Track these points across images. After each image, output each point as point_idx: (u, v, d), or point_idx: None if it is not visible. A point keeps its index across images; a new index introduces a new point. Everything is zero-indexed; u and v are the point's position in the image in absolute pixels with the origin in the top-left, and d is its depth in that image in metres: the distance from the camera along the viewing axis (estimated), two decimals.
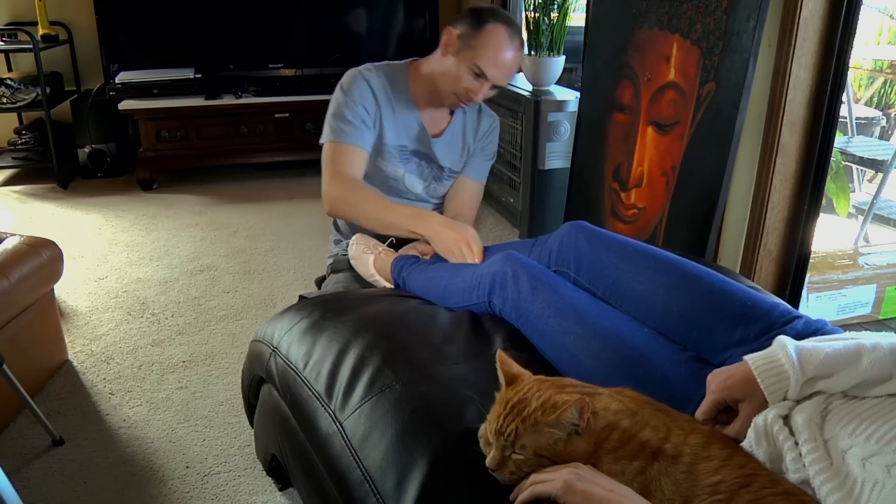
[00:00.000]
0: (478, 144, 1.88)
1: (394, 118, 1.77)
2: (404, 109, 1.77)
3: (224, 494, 1.53)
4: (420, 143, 1.80)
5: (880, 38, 4.15)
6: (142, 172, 3.65)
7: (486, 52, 1.63)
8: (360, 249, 1.73)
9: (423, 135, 1.79)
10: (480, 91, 1.67)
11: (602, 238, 1.27)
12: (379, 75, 1.76)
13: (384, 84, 1.76)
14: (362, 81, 1.73)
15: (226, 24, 3.87)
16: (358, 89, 1.72)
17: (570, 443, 0.85)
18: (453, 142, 1.84)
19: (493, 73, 1.64)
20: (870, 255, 2.43)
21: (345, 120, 1.72)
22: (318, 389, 1.14)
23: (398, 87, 1.77)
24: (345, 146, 1.72)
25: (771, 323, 1.03)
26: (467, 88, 1.67)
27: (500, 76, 1.66)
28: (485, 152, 1.90)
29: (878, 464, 0.74)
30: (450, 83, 1.68)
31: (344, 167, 1.73)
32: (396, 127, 1.77)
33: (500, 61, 1.64)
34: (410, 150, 1.81)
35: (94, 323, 2.28)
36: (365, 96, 1.72)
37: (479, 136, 1.88)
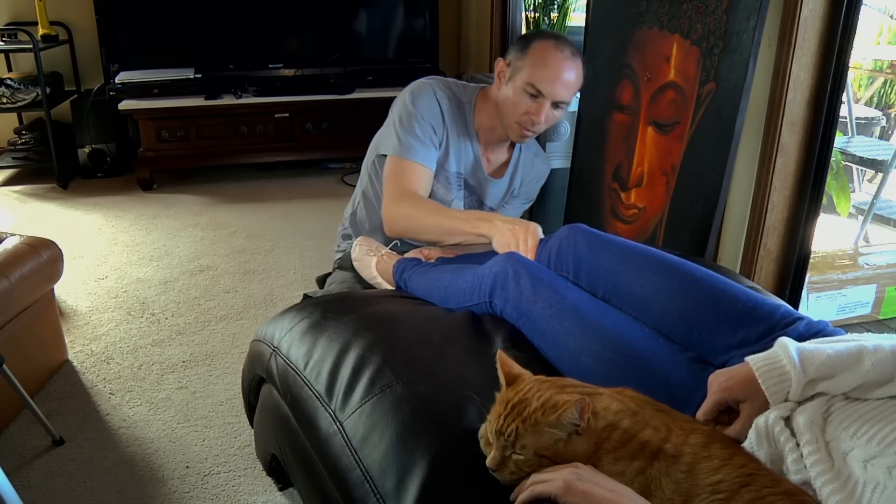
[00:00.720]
0: (523, 189, 1.85)
1: (458, 143, 1.73)
2: (465, 138, 1.74)
3: (224, 494, 1.53)
4: (473, 177, 1.78)
5: (880, 38, 4.15)
6: (142, 172, 3.65)
7: (536, 69, 1.58)
8: (363, 251, 1.73)
9: (477, 169, 1.77)
10: (541, 111, 1.61)
11: (601, 240, 1.27)
12: (450, 95, 1.72)
13: (453, 106, 1.72)
14: (433, 99, 1.69)
15: (226, 24, 3.87)
16: (428, 106, 1.68)
17: (571, 443, 0.85)
18: (503, 183, 1.83)
19: (548, 88, 1.59)
20: (870, 255, 2.43)
21: (414, 135, 1.66)
22: (318, 389, 1.14)
23: (463, 113, 1.73)
24: (411, 164, 1.67)
25: (773, 325, 1.03)
26: (527, 112, 1.62)
27: (555, 89, 1.60)
28: (526, 196, 1.88)
29: (880, 465, 0.74)
30: (510, 111, 1.64)
31: (410, 185, 1.67)
32: (458, 153, 1.74)
33: (553, 74, 1.59)
34: (464, 181, 1.79)
35: (94, 323, 2.28)
36: (434, 115, 1.68)
37: (528, 181, 1.85)
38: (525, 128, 1.65)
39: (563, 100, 1.63)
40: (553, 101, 1.62)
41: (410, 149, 1.66)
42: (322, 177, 3.92)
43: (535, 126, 1.65)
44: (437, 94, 1.71)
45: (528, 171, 1.86)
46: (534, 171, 1.87)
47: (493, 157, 1.80)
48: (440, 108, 1.69)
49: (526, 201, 1.91)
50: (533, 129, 1.66)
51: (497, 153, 1.81)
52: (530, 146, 1.88)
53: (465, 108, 1.74)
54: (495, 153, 1.80)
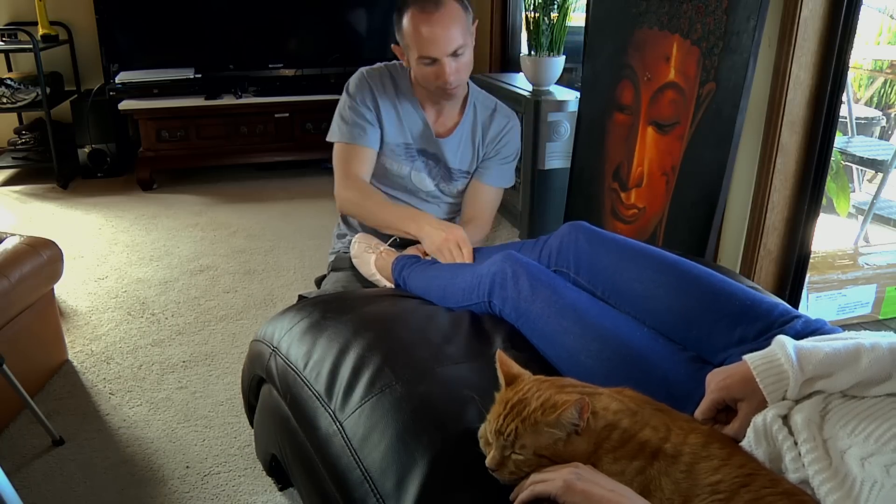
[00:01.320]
0: (492, 146, 1.84)
1: (397, 116, 1.77)
2: (409, 108, 1.78)
3: (224, 494, 1.53)
4: (426, 142, 1.80)
5: (880, 38, 4.15)
6: (142, 172, 3.65)
7: (415, 39, 1.61)
8: (361, 248, 1.73)
9: (427, 133, 1.79)
10: (445, 71, 1.62)
11: (602, 238, 1.27)
12: (383, 74, 1.77)
13: (387, 83, 1.77)
14: (364, 81, 1.76)
15: (226, 24, 3.87)
16: (360, 89, 1.75)
17: (570, 443, 0.85)
18: (463, 142, 1.82)
19: (431, 50, 1.60)
20: (870, 255, 2.43)
21: (350, 121, 1.75)
22: (318, 389, 1.14)
23: (402, 86, 1.77)
24: (352, 146, 1.76)
25: (770, 323, 1.03)
26: (434, 78, 1.64)
27: (439, 47, 1.60)
28: (501, 155, 1.85)
29: (877, 463, 0.74)
30: (427, 83, 1.68)
31: (352, 168, 1.76)
32: (399, 125, 1.78)
33: (427, 36, 1.59)
34: (416, 149, 1.81)
35: (94, 323, 2.28)
36: (365, 95, 1.75)
37: (491, 136, 1.84)
38: (444, 90, 1.67)
39: (455, 48, 1.61)
40: (449, 55, 1.62)
41: (347, 133, 1.75)
42: (322, 177, 3.92)
43: (449, 84, 1.65)
44: (366, 75, 1.77)
45: (489, 126, 1.84)
46: (495, 123, 1.83)
47: (443, 119, 1.81)
48: (370, 87, 1.75)
49: (505, 161, 1.86)
50: (452, 87, 1.67)
51: (447, 114, 1.81)
52: (487, 103, 1.85)
53: (400, 80, 1.77)
54: (445, 114, 1.81)
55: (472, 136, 1.84)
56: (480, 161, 1.86)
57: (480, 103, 1.84)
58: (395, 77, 1.78)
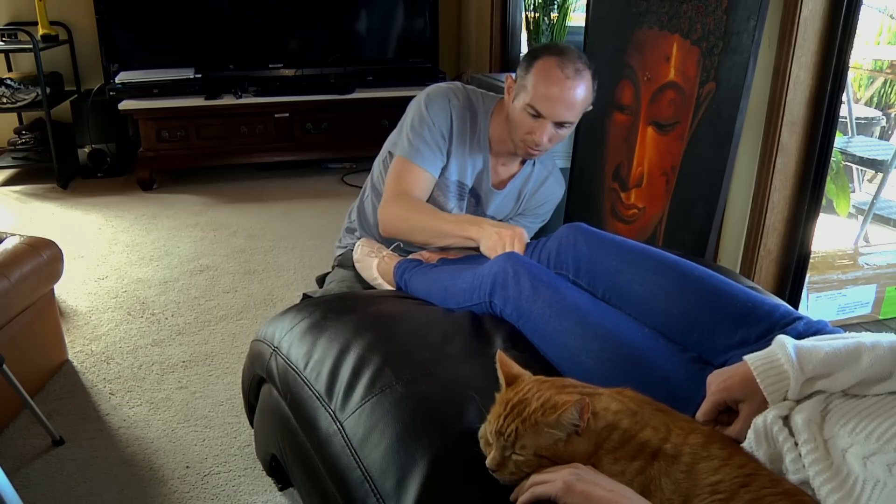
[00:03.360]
0: (532, 206, 1.83)
1: (463, 153, 1.72)
2: (476, 148, 1.73)
3: (224, 494, 1.53)
4: (479, 186, 1.77)
5: (880, 38, 4.15)
6: (142, 172, 3.65)
7: (537, 89, 1.54)
8: (364, 252, 1.73)
9: (485, 179, 1.76)
10: (543, 132, 1.57)
11: (601, 240, 1.27)
12: (466, 104, 1.71)
13: (467, 116, 1.71)
14: (446, 104, 1.69)
15: (226, 24, 3.87)
16: (441, 111, 1.68)
17: (570, 443, 0.85)
18: (509, 195, 1.81)
19: (545, 108, 1.54)
20: (870, 255, 2.43)
21: (423, 139, 1.67)
22: (318, 389, 1.14)
23: (478, 122, 1.72)
24: (415, 167, 1.68)
25: (772, 324, 1.03)
26: (529, 133, 1.59)
27: (557, 110, 1.55)
28: (535, 214, 1.84)
29: (879, 462, 0.74)
30: (515, 130, 1.63)
31: (405, 187, 1.67)
32: (462, 163, 1.73)
33: (553, 95, 1.53)
34: (469, 189, 1.78)
35: (94, 323, 2.28)
36: (445, 121, 1.68)
37: (538, 200, 1.83)
38: (529, 147, 1.63)
39: (567, 120, 1.58)
40: (555, 122, 1.58)
41: (417, 152, 1.67)
42: (322, 177, 3.92)
43: (539, 146, 1.61)
44: (451, 102, 1.70)
45: (538, 188, 1.83)
46: (544, 189, 1.83)
47: (503, 169, 1.79)
48: (451, 115, 1.69)
49: (535, 220, 1.87)
50: (537, 149, 1.63)
51: (508, 165, 1.79)
52: (546, 164, 1.84)
53: (480, 118, 1.72)
54: (507, 165, 1.78)
55: (519, 191, 1.82)
56: (516, 214, 1.85)
57: (540, 163, 1.82)
58: (476, 111, 1.72)
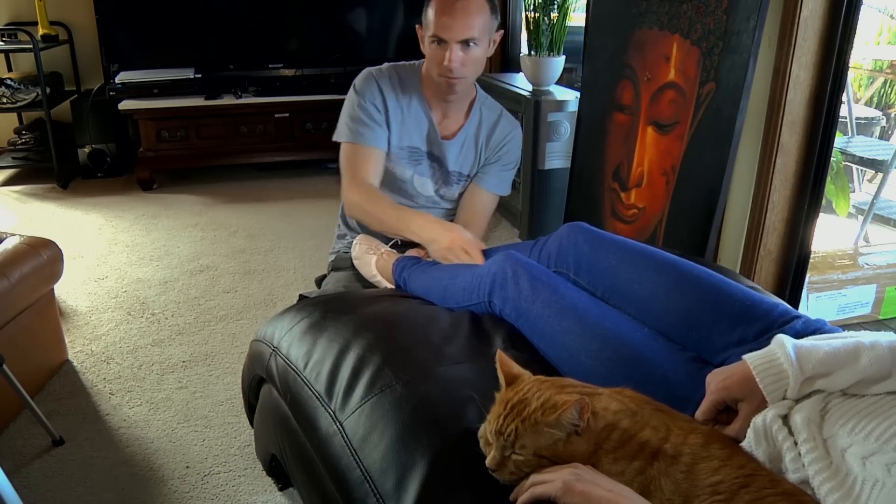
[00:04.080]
0: (494, 152, 1.84)
1: (403, 119, 1.76)
2: (416, 109, 1.76)
3: (224, 494, 1.53)
4: (431, 144, 1.79)
5: (880, 38, 4.15)
6: (142, 172, 3.65)
7: (434, 18, 1.61)
8: (363, 250, 1.73)
9: (433, 135, 1.78)
10: (450, 57, 1.61)
11: (601, 239, 1.27)
12: (391, 75, 1.76)
13: (395, 84, 1.75)
14: (372, 81, 1.74)
15: (226, 24, 3.87)
16: (368, 89, 1.73)
17: (570, 443, 0.85)
18: (466, 145, 1.82)
19: (444, 31, 1.59)
20: (870, 255, 2.43)
21: (359, 120, 1.72)
22: (318, 389, 1.14)
23: (410, 85, 1.76)
24: (361, 147, 1.73)
25: (770, 323, 1.03)
26: (439, 61, 1.63)
27: (453, 28, 1.59)
28: (502, 162, 1.85)
29: (878, 462, 0.74)
30: (431, 68, 1.67)
31: (360, 171, 1.73)
32: (406, 127, 1.76)
33: (447, 18, 1.58)
34: (424, 152, 1.79)
35: (94, 323, 2.28)
36: (375, 95, 1.73)
37: (495, 142, 1.83)
38: (447, 77, 1.65)
39: (469, 37, 1.60)
40: (459, 41, 1.61)
41: (356, 133, 1.72)
42: (322, 177, 3.92)
43: (454, 71, 1.64)
44: (376, 75, 1.75)
45: (492, 130, 1.83)
46: (499, 130, 1.83)
47: (448, 122, 1.80)
48: (378, 86, 1.73)
49: (505, 168, 1.86)
50: (454, 75, 1.65)
51: (452, 116, 1.80)
52: (493, 108, 1.85)
53: (410, 81, 1.76)
54: (450, 116, 1.80)
55: (475, 140, 1.83)
56: (481, 166, 1.85)
57: (487, 108, 1.84)
58: (403, 77, 1.77)
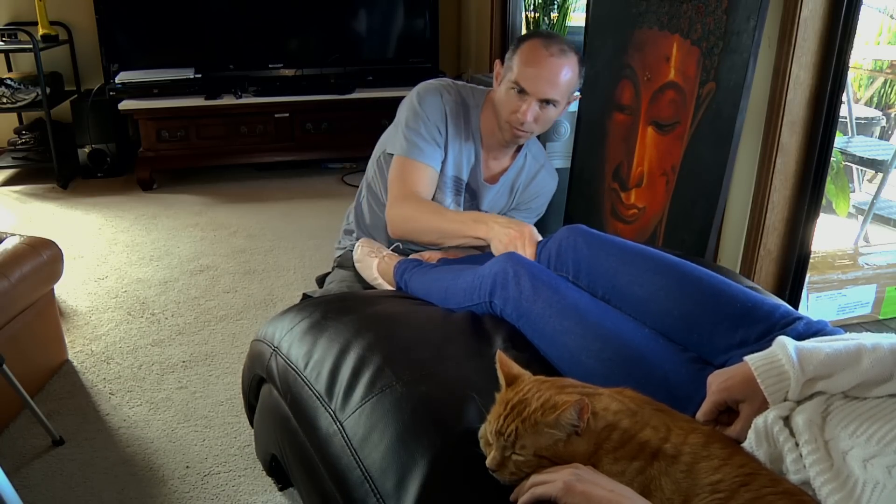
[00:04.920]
0: (526, 200, 1.83)
1: (459, 148, 1.73)
2: (468, 141, 1.74)
3: (224, 494, 1.53)
4: (474, 181, 1.78)
5: (880, 38, 4.15)
6: (142, 172, 3.65)
7: (523, 67, 1.58)
8: (364, 252, 1.73)
9: (476, 173, 1.77)
10: (528, 109, 1.59)
11: (601, 241, 1.27)
12: (457, 98, 1.73)
13: (459, 109, 1.72)
14: (438, 98, 1.70)
15: (226, 24, 3.87)
16: (434, 106, 1.69)
17: (570, 443, 0.85)
18: (503, 189, 1.82)
19: (529, 84, 1.57)
20: (870, 255, 2.43)
21: (419, 135, 1.68)
22: (318, 389, 1.14)
23: (470, 115, 1.73)
24: (417, 164, 1.68)
25: (772, 324, 1.03)
26: (513, 111, 1.61)
27: (539, 86, 1.58)
28: (529, 208, 1.85)
29: (879, 465, 0.74)
30: (501, 111, 1.65)
31: (410, 185, 1.67)
32: (458, 157, 1.74)
33: (536, 71, 1.57)
34: (465, 184, 1.78)
35: (94, 323, 2.28)
36: (439, 116, 1.69)
37: (530, 193, 1.83)
38: (515, 127, 1.64)
39: (551, 97, 1.60)
40: (540, 99, 1.60)
41: (415, 149, 1.67)
42: (322, 177, 3.92)
43: (524, 125, 1.63)
44: (444, 97, 1.71)
45: (530, 181, 1.83)
46: (537, 181, 1.84)
47: (494, 163, 1.79)
48: (444, 110, 1.70)
49: (530, 215, 1.87)
50: (523, 129, 1.64)
51: (500, 159, 1.79)
52: (538, 157, 1.85)
53: (472, 112, 1.74)
54: (498, 159, 1.79)
55: (512, 185, 1.83)
56: (510, 209, 1.86)
57: (532, 156, 1.84)
58: (468, 103, 1.73)
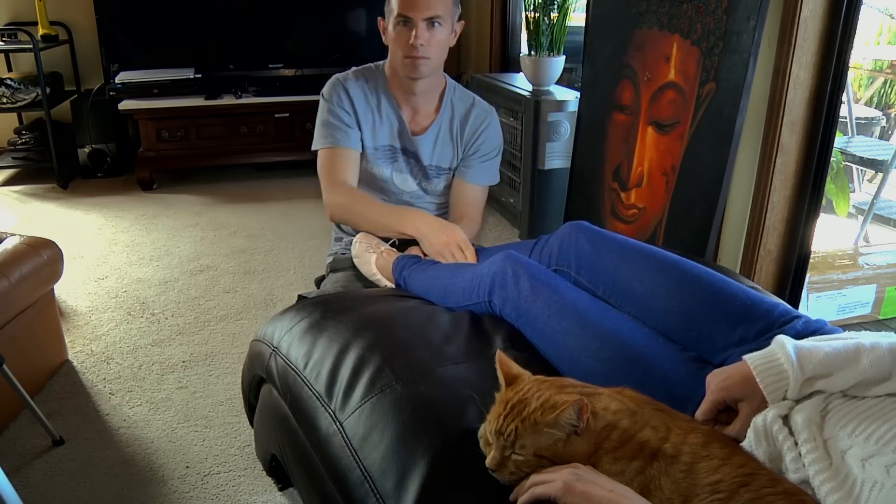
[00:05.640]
0: (471, 143, 1.82)
1: (373, 119, 1.77)
2: (386, 108, 1.78)
3: (224, 494, 1.53)
4: (404, 141, 1.80)
5: (880, 38, 4.15)
6: (142, 172, 3.65)
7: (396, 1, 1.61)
8: (362, 248, 1.73)
9: (404, 132, 1.79)
10: (416, 34, 1.61)
11: (602, 238, 1.27)
12: (357, 77, 1.77)
13: (362, 85, 1.77)
14: (338, 86, 1.76)
15: (226, 24, 3.87)
16: (335, 94, 1.75)
17: (570, 443, 0.85)
18: (440, 138, 1.81)
19: (407, 8, 1.60)
20: (870, 255, 2.43)
21: (330, 125, 1.75)
22: (318, 389, 1.14)
23: (376, 85, 1.77)
24: (334, 150, 1.75)
25: (770, 323, 1.03)
26: (404, 42, 1.63)
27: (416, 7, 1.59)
28: (480, 153, 1.83)
29: (878, 464, 0.74)
30: (396, 50, 1.67)
31: (338, 173, 1.76)
32: (378, 127, 1.78)
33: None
34: (399, 149, 1.80)
35: (94, 323, 2.28)
36: (343, 99, 1.75)
37: (470, 132, 1.82)
38: (411, 56, 1.64)
39: (433, 14, 1.61)
40: (425, 20, 1.61)
41: (329, 137, 1.74)
42: None
43: (419, 49, 1.63)
44: (340, 81, 1.77)
45: (466, 120, 1.81)
46: (474, 118, 1.82)
47: (419, 118, 1.80)
48: (345, 90, 1.75)
49: (486, 157, 1.84)
50: (419, 54, 1.64)
51: (422, 112, 1.80)
52: (465, 98, 1.83)
53: (377, 80, 1.77)
54: (420, 113, 1.80)
55: (449, 132, 1.82)
56: (461, 159, 1.84)
57: (458, 98, 1.83)
58: (369, 78, 1.78)
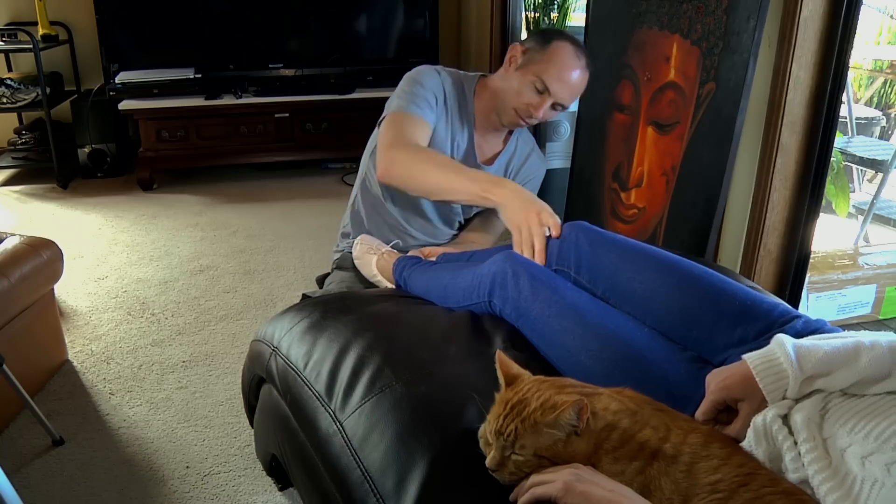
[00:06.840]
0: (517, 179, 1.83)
1: (451, 125, 1.74)
2: (461, 124, 1.75)
3: (224, 494, 1.53)
4: (469, 161, 1.77)
5: (880, 38, 4.15)
6: (142, 172, 3.65)
7: (552, 68, 1.62)
8: (363, 250, 1.73)
9: (469, 155, 1.77)
10: (541, 107, 1.65)
11: (603, 238, 1.27)
12: (454, 81, 1.74)
13: (456, 87, 1.74)
14: (435, 74, 1.71)
15: (226, 24, 3.87)
16: (431, 79, 1.69)
17: (570, 443, 0.85)
18: (497, 172, 1.82)
19: (556, 88, 1.63)
20: (870, 255, 2.43)
21: (415, 95, 1.63)
22: (318, 389, 1.14)
23: (463, 98, 1.74)
24: (411, 116, 1.59)
25: (770, 323, 1.03)
26: (528, 104, 1.65)
27: (563, 93, 1.65)
28: None
29: (878, 462, 0.74)
30: (511, 98, 1.67)
31: (409, 134, 1.56)
32: (451, 136, 1.74)
33: (565, 77, 1.63)
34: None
35: (94, 323, 2.28)
36: (437, 86, 1.69)
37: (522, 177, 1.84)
38: (521, 116, 1.68)
39: (565, 104, 1.68)
40: (555, 102, 1.66)
41: (411, 105, 1.62)
42: (322, 177, 3.92)
43: (531, 118, 1.68)
44: (441, 74, 1.74)
45: (522, 165, 1.85)
46: (528, 166, 1.86)
47: (486, 146, 1.81)
48: (442, 84, 1.72)
49: None
50: (528, 121, 1.69)
51: (491, 142, 1.81)
52: (528, 142, 1.88)
53: (467, 93, 1.76)
54: (489, 142, 1.81)
55: (506, 167, 1.85)
56: None
57: (523, 140, 1.86)
58: (464, 86, 1.75)
